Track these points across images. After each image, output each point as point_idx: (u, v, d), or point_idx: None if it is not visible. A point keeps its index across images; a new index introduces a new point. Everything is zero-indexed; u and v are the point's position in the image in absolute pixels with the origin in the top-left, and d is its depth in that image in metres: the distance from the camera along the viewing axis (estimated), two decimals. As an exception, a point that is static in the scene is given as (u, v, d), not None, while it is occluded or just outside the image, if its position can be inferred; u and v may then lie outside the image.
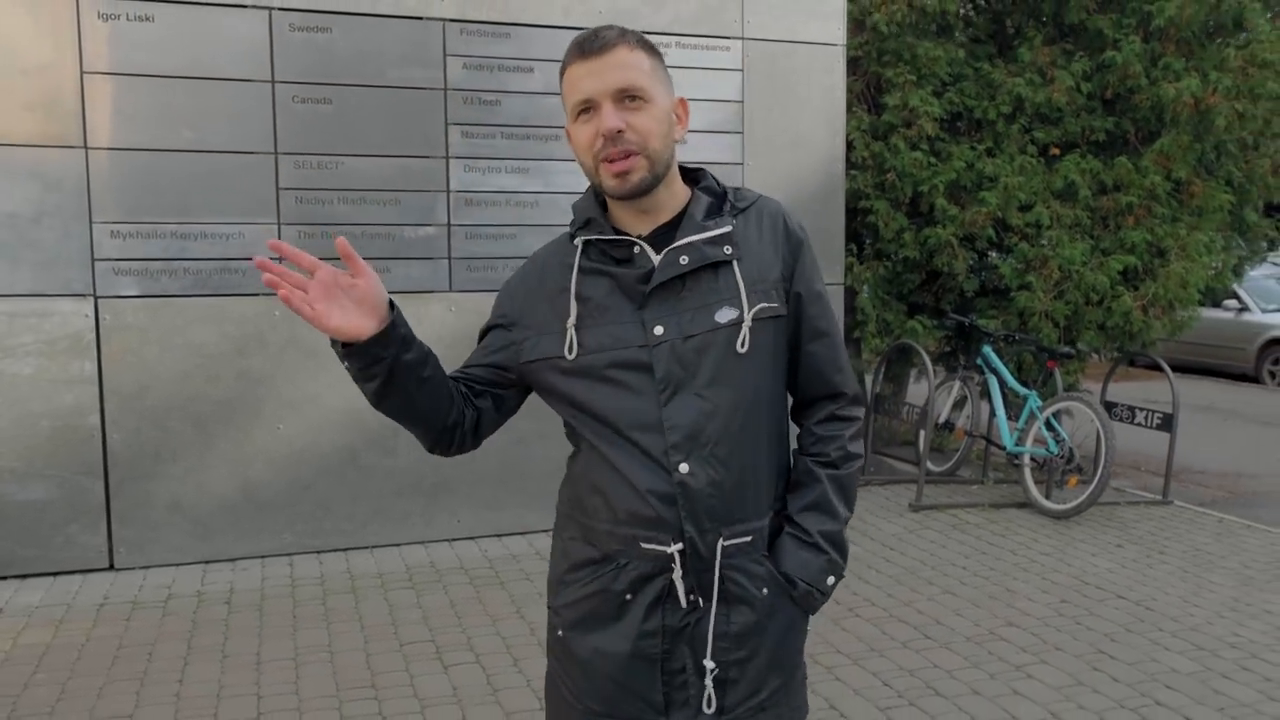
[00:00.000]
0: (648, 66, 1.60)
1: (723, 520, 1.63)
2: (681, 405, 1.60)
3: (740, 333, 1.62)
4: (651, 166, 1.59)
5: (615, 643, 1.66)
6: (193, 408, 5.13)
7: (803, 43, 6.05)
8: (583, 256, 1.66)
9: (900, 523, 5.96)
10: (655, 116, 1.59)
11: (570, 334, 1.62)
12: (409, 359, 1.60)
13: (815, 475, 1.73)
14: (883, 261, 7.37)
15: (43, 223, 4.87)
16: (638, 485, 1.61)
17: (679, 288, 1.62)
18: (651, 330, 1.60)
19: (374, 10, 5.26)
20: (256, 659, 4.06)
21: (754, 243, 1.67)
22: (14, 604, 4.61)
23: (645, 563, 1.63)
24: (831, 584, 1.74)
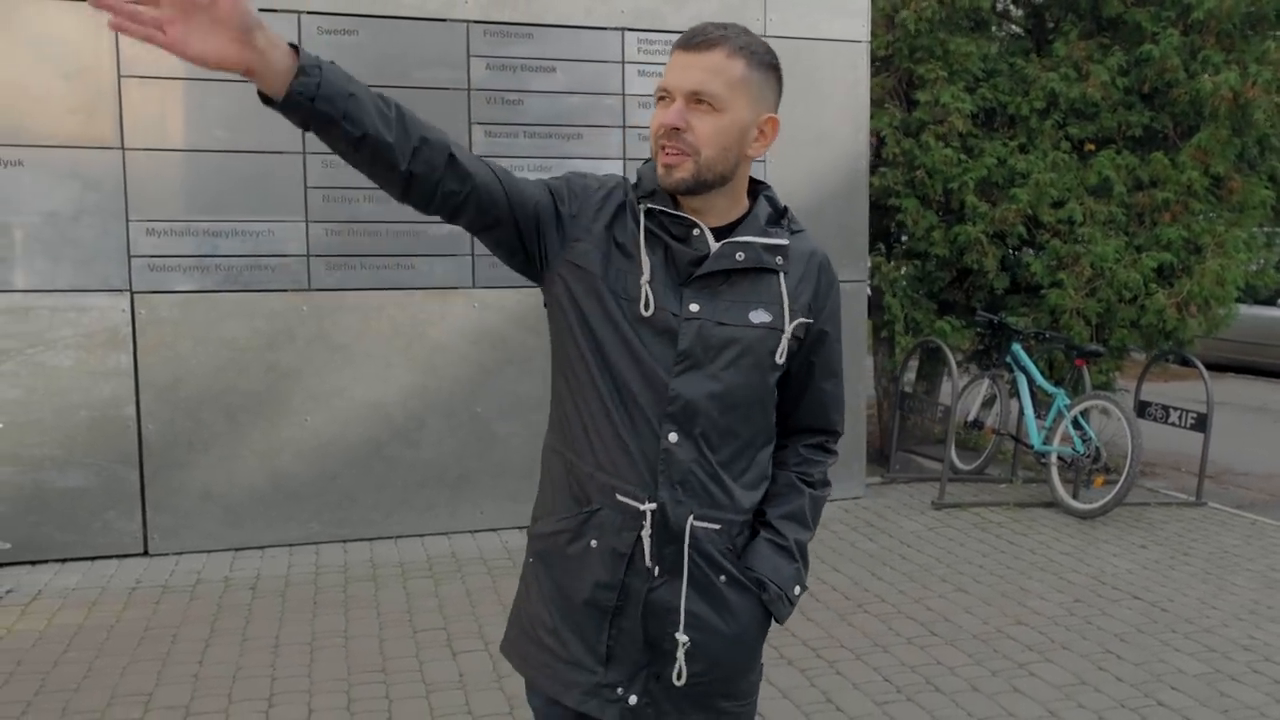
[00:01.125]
0: (738, 76, 1.60)
1: (697, 500, 1.67)
2: (691, 381, 1.65)
3: (779, 343, 1.69)
4: (698, 171, 1.61)
5: (573, 584, 1.70)
6: (224, 400, 5.30)
7: (826, 39, 6.06)
8: (646, 219, 1.68)
9: (921, 520, 5.95)
10: (720, 126, 1.60)
11: (645, 290, 1.64)
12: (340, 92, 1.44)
13: (798, 489, 1.81)
14: (912, 260, 7.33)
15: (82, 221, 5.07)
16: (626, 439, 1.65)
17: (723, 280, 1.67)
18: (686, 305, 1.65)
19: (399, 13, 5.38)
20: (275, 642, 4.20)
21: (799, 265, 1.74)
22: (52, 586, 4.82)
23: (616, 514, 1.67)
24: (798, 593, 1.79)
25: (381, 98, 1.52)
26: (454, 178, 1.56)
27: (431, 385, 5.55)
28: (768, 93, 1.67)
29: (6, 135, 4.95)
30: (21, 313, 5.02)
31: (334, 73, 1.46)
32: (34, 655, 4.07)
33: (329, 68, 1.46)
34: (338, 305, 5.40)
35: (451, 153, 1.56)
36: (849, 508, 6.16)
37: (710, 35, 1.61)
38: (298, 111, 1.44)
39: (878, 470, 7.02)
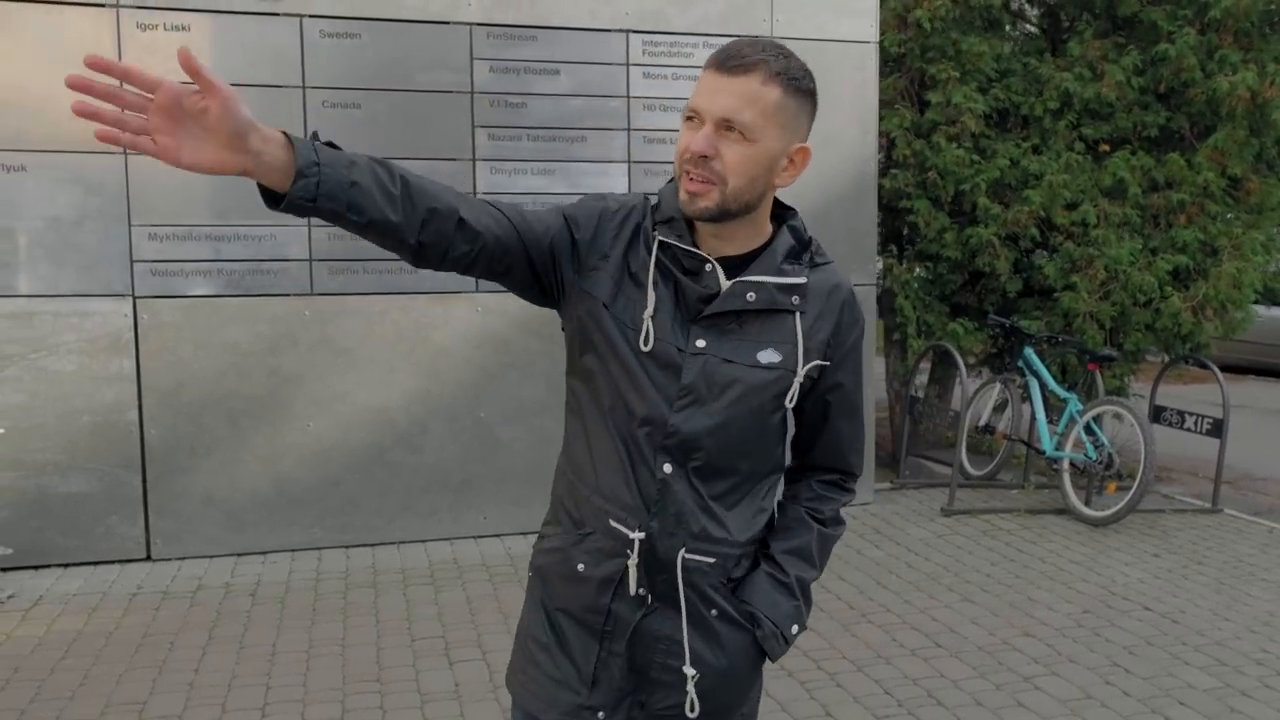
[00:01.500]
0: (772, 103, 1.51)
1: (690, 533, 1.63)
2: (692, 416, 1.60)
3: (790, 385, 1.63)
4: (723, 201, 1.54)
5: (565, 604, 1.69)
6: (226, 404, 5.29)
7: (833, 40, 5.99)
8: (659, 250, 1.63)
9: (930, 527, 5.87)
10: (750, 156, 1.53)
11: (648, 324, 1.60)
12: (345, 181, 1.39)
13: (807, 524, 1.75)
14: (924, 262, 7.25)
15: (84, 226, 5.07)
16: (625, 467, 1.62)
17: (734, 318, 1.62)
18: (693, 340, 1.60)
19: (402, 15, 5.36)
20: (271, 650, 4.18)
21: (817, 302, 1.65)
22: (54, 591, 4.82)
23: (608, 539, 1.64)
24: (795, 631, 1.72)
25: (387, 171, 1.45)
26: (464, 240, 1.53)
27: (434, 390, 5.52)
28: (802, 120, 1.58)
29: (10, 140, 4.96)
30: (25, 318, 5.02)
31: (333, 167, 1.39)
32: (31, 662, 4.06)
33: (328, 163, 1.38)
34: (340, 310, 5.38)
35: (461, 217, 1.52)
36: (857, 514, 6.09)
37: (747, 58, 1.52)
38: (301, 212, 1.40)
39: (888, 475, 6.94)
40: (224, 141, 1.31)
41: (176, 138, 1.31)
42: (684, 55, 5.76)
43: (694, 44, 5.76)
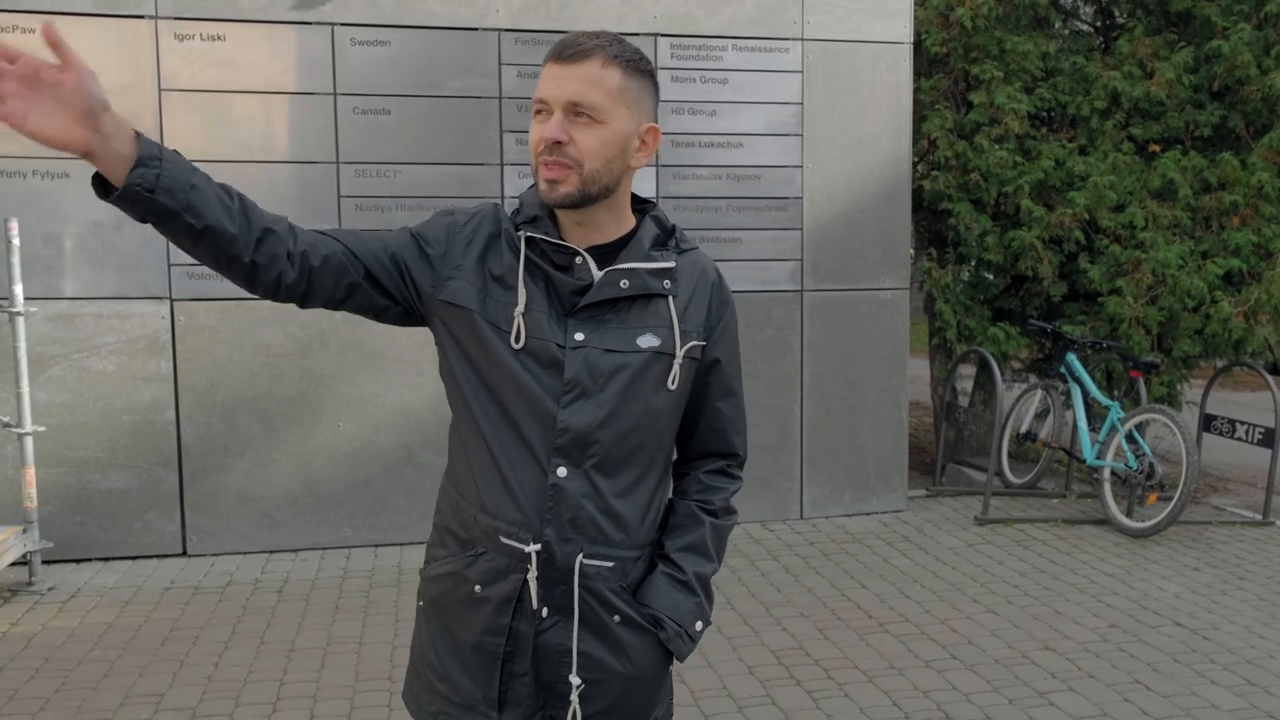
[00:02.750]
0: (616, 85, 1.55)
1: (588, 537, 1.61)
2: (580, 411, 1.59)
3: (671, 368, 1.64)
4: (583, 185, 1.56)
5: (462, 630, 1.66)
6: (260, 405, 5.42)
7: (867, 42, 5.91)
8: (527, 248, 1.64)
9: (962, 536, 5.76)
10: (603, 138, 1.56)
11: (518, 321, 1.60)
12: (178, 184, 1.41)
13: (698, 519, 1.74)
14: (965, 265, 7.12)
15: (124, 230, 5.23)
16: (510, 479, 1.60)
17: (609, 307, 1.63)
18: (572, 334, 1.61)
19: (431, 23, 5.42)
20: (290, 647, 4.27)
21: (688, 286, 1.68)
22: (91, 585, 4.98)
23: (501, 557, 1.61)
24: (700, 629, 1.72)
25: (224, 188, 1.49)
26: (295, 269, 1.54)
27: (462, 392, 5.57)
28: (646, 101, 1.61)
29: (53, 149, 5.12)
30: (68, 319, 5.20)
31: (176, 163, 1.43)
32: (62, 652, 4.20)
33: (171, 158, 1.42)
34: (370, 313, 5.46)
35: (290, 246, 1.54)
36: (888, 522, 6.01)
37: (584, 45, 1.55)
38: (135, 203, 1.40)
39: (925, 483, 6.83)
40: (75, 116, 1.34)
41: (28, 104, 1.33)
42: (713, 58, 5.74)
43: (722, 47, 5.74)
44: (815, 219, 5.94)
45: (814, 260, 5.96)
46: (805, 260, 5.94)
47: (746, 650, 4.22)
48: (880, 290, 6.06)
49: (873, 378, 6.09)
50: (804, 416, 6.01)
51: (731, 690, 3.85)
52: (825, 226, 5.96)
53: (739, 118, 5.82)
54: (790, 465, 6.02)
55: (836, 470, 6.09)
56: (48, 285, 5.17)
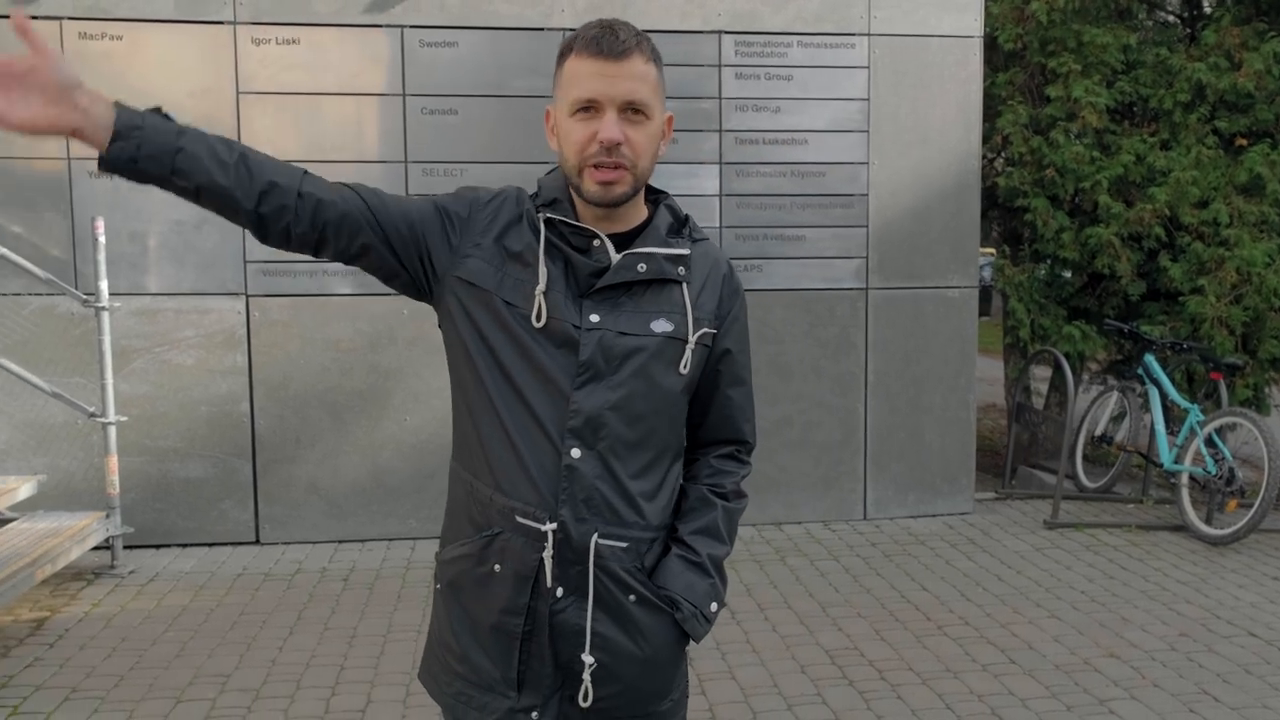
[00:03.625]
0: (654, 80, 1.59)
1: (603, 518, 1.62)
2: (593, 392, 1.61)
3: (683, 353, 1.66)
4: (635, 183, 1.60)
5: (480, 611, 1.67)
6: (330, 398, 5.56)
7: (935, 36, 5.82)
8: (548, 229, 1.64)
9: (1029, 540, 5.64)
10: (651, 134, 1.59)
11: (539, 300, 1.60)
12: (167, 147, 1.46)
13: (710, 502, 1.76)
14: (1040, 263, 6.96)
15: (203, 229, 5.42)
16: (526, 458, 1.61)
17: (624, 291, 1.64)
18: (587, 316, 1.61)
19: (498, 24, 5.51)
20: (352, 633, 4.38)
21: (700, 274, 1.71)
22: (169, 570, 5.18)
23: (518, 537, 1.62)
24: (715, 610, 1.73)
25: (226, 145, 1.52)
26: (306, 215, 1.56)
27: (526, 388, 5.65)
28: (664, 90, 1.65)
29: (139, 150, 5.34)
30: (151, 314, 5.41)
31: (158, 129, 1.46)
32: (138, 633, 4.38)
33: (151, 126, 1.45)
34: (436, 309, 5.57)
35: (301, 191, 1.55)
36: (953, 524, 5.91)
37: (626, 41, 1.56)
38: (121, 173, 1.46)
39: (994, 485, 6.70)
40: (52, 97, 1.37)
41: (9, 100, 1.37)
42: (778, 55, 5.72)
43: (787, 43, 5.71)
44: (881, 216, 5.88)
45: (880, 258, 5.89)
46: (870, 258, 5.88)
47: (800, 649, 4.20)
48: (948, 288, 5.96)
49: (939, 377, 5.99)
50: (868, 416, 5.95)
51: (782, 688, 3.84)
52: (891, 223, 5.89)
53: (804, 114, 5.78)
54: (854, 465, 5.96)
55: (901, 470, 6.01)
56: (132, 281, 5.38)
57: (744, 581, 4.97)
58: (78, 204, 5.31)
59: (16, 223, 5.29)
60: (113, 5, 5.29)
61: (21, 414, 5.31)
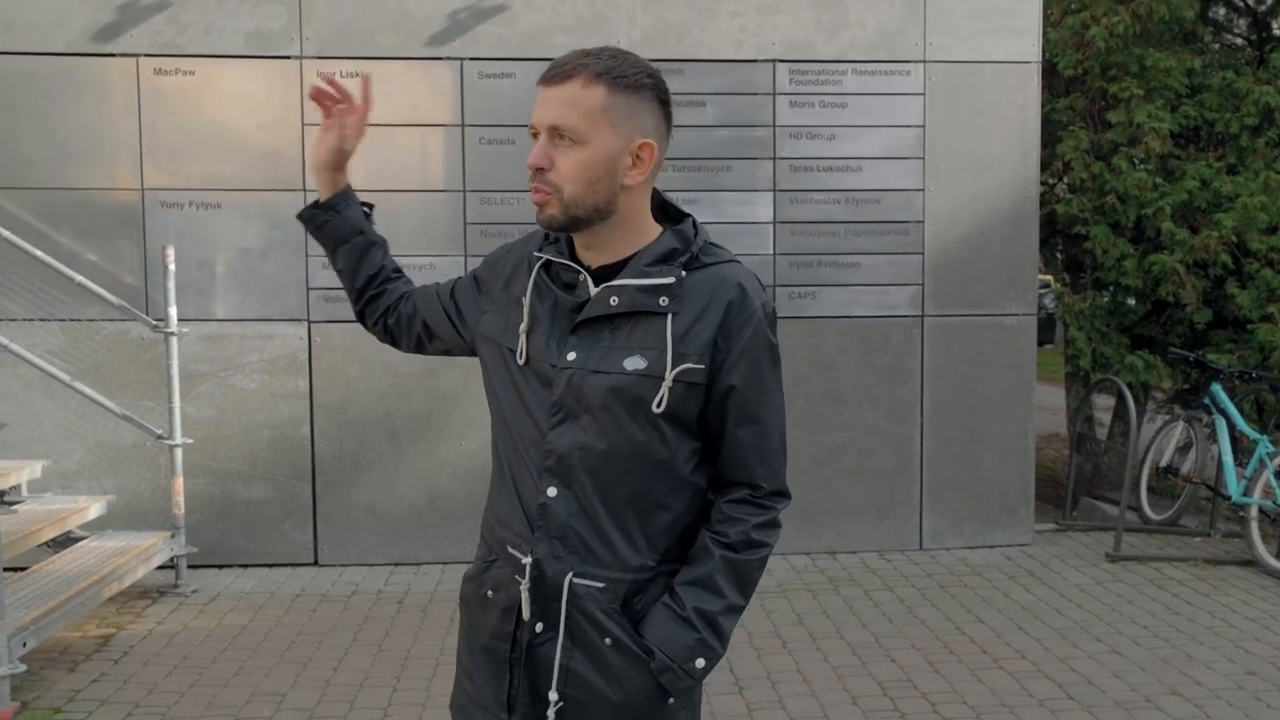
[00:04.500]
0: (596, 105, 1.55)
1: (578, 556, 1.63)
2: (565, 432, 1.62)
3: (658, 390, 1.59)
4: (565, 209, 1.58)
5: (477, 633, 1.73)
6: (388, 422, 5.66)
7: (992, 62, 5.79)
8: (540, 269, 1.69)
9: (1091, 573, 5.52)
10: (582, 160, 1.56)
11: (522, 340, 1.66)
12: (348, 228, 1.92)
13: (709, 552, 1.67)
14: (1101, 291, 6.85)
15: (268, 257, 5.57)
16: (518, 492, 1.66)
17: (607, 325, 1.63)
18: (565, 354, 1.63)
19: (555, 54, 5.55)
20: (406, 656, 4.44)
21: (697, 303, 1.62)
22: (231, 589, 5.29)
23: (508, 565, 1.67)
24: (701, 666, 1.64)
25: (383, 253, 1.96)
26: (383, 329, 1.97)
27: (580, 414, 5.70)
28: (641, 116, 1.59)
29: (209, 181, 5.53)
30: (217, 340, 5.57)
31: (346, 220, 1.93)
32: (199, 651, 4.48)
33: (344, 218, 1.93)
34: (492, 335, 5.65)
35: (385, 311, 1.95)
36: (1011, 555, 5.80)
37: (567, 66, 1.58)
38: (306, 223, 1.96)
39: (1054, 516, 6.57)
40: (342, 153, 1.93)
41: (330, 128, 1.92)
42: (832, 83, 5.73)
43: (842, 71, 5.72)
44: (937, 243, 5.84)
45: (935, 285, 5.84)
46: (926, 285, 5.84)
47: (852, 680, 4.15)
48: (1005, 316, 5.89)
49: (997, 406, 5.91)
50: (924, 444, 5.88)
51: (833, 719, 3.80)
52: (947, 250, 5.85)
53: (858, 141, 5.78)
54: (909, 494, 5.89)
55: (958, 500, 5.93)
56: (200, 308, 5.55)
57: (796, 610, 4.93)
58: (150, 233, 5.50)
59: (93, 251, 5.49)
60: (186, 42, 5.49)
61: (94, 436, 5.48)
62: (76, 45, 5.45)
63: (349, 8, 5.55)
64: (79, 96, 5.49)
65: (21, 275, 5.27)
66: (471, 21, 5.61)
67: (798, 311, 5.77)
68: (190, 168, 5.52)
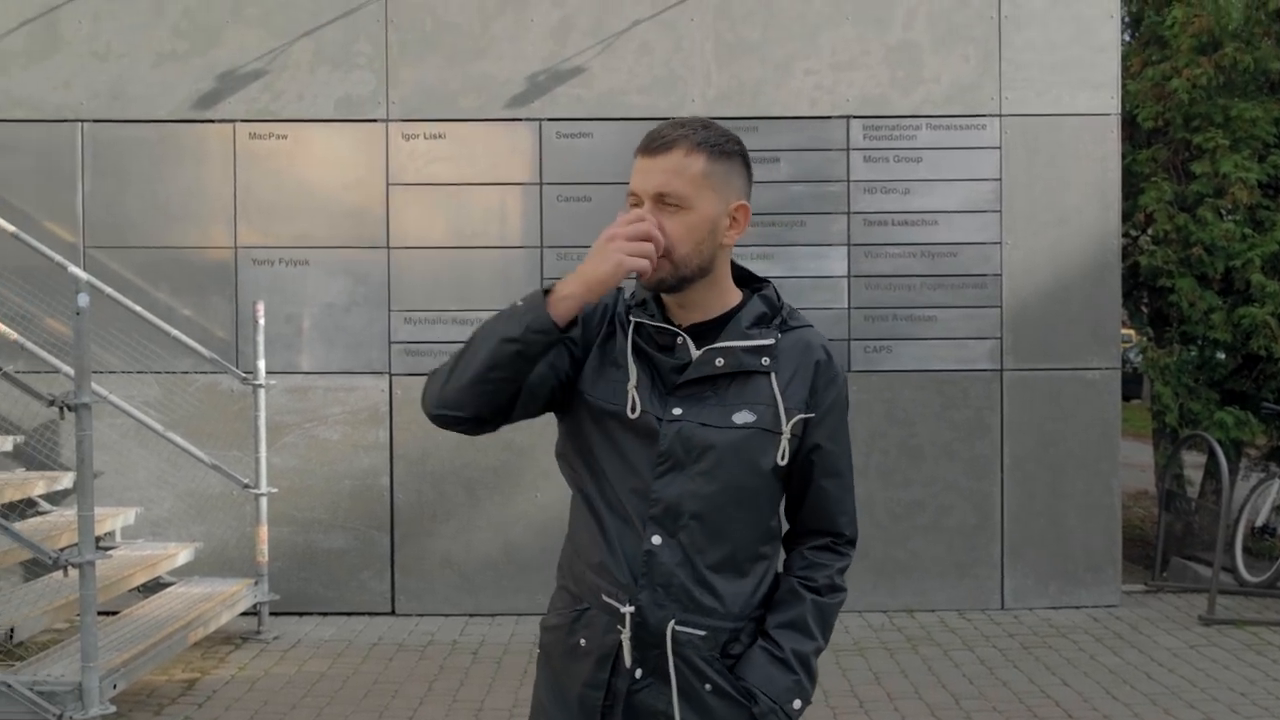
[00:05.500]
0: (699, 171, 1.66)
1: (680, 605, 1.67)
2: (672, 482, 1.67)
3: (777, 444, 1.69)
4: (675, 269, 1.66)
5: (567, 680, 1.74)
6: (465, 474, 5.75)
7: (1070, 115, 5.76)
8: (635, 332, 1.74)
9: (1183, 636, 5.31)
10: (689, 223, 1.65)
11: (633, 394, 1.69)
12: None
13: (800, 595, 1.74)
14: (1188, 345, 6.67)
15: (352, 312, 5.75)
16: (614, 542, 1.69)
17: (709, 385, 1.70)
18: (670, 409, 1.69)
19: (630, 114, 5.73)
20: (479, 707, 4.46)
21: (790, 363, 1.73)
22: (310, 636, 5.39)
23: (603, 614, 1.69)
24: (799, 708, 1.71)
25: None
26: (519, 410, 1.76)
27: (654, 467, 5.72)
28: (735, 180, 1.71)
29: (297, 239, 5.74)
30: (302, 392, 5.74)
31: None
32: (279, 697, 4.56)
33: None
34: (568, 388, 5.72)
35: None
36: (1099, 617, 5.62)
37: (667, 137, 1.67)
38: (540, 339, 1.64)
39: (1143, 577, 6.36)
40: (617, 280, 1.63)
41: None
42: (906, 138, 5.75)
43: (916, 126, 5.74)
44: (1015, 296, 5.77)
45: (1014, 338, 5.77)
46: (1005, 338, 5.76)
47: (931, 742, 4.05)
48: (1088, 370, 5.77)
49: (1080, 462, 5.77)
50: (1005, 500, 5.76)
51: (910, 782, 3.71)
52: (1027, 304, 5.77)
53: (934, 195, 5.77)
54: (989, 551, 5.77)
55: (1041, 559, 5.78)
56: (286, 361, 5.73)
57: (873, 669, 4.84)
58: (242, 289, 5.72)
59: (188, 306, 5.73)
60: (280, 108, 5.75)
61: (184, 484, 5.67)
62: (179, 113, 5.75)
63: (433, 73, 5.76)
64: (180, 161, 5.77)
65: (121, 329, 5.52)
66: (550, 84, 5.78)
67: (873, 365, 5.74)
68: (281, 226, 5.74)
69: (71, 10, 5.75)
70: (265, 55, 5.75)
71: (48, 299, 5.56)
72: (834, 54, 5.76)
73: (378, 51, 5.74)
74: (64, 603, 4.29)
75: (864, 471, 5.73)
